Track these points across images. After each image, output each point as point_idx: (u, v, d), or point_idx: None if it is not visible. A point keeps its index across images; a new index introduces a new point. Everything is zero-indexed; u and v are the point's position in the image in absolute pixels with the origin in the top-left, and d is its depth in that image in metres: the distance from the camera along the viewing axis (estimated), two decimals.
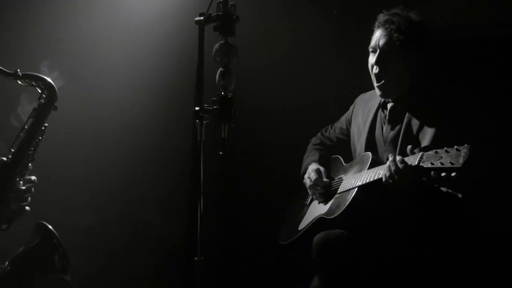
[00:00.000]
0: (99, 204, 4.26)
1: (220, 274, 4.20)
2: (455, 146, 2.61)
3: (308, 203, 3.49)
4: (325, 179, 3.38)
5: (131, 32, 4.18)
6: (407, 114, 3.08)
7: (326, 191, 3.37)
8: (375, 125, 3.23)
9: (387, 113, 3.17)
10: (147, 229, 4.35)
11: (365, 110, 3.34)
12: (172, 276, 4.15)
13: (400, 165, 2.75)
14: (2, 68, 2.60)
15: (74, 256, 2.73)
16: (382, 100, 3.21)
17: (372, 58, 3.13)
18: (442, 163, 2.62)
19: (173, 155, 4.23)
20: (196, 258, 2.41)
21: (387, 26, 3.07)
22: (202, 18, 2.48)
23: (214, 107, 2.46)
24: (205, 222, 2.41)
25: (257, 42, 4.21)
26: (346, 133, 3.51)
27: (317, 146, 3.62)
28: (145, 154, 4.28)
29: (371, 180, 2.94)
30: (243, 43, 2.56)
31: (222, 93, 2.46)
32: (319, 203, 3.38)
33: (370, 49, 3.15)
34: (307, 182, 3.44)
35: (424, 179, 2.76)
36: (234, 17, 2.47)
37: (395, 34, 3.05)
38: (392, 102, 3.16)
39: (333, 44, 4.41)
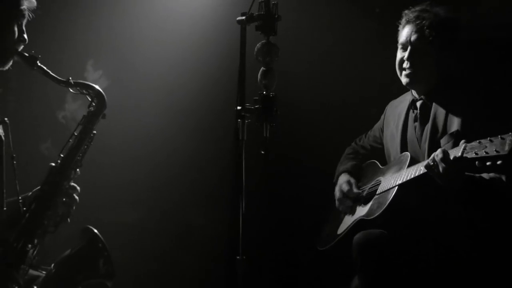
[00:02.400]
0: (143, 204, 4.31)
1: (261, 273, 4.20)
2: (499, 136, 2.61)
3: None
4: (355, 190, 3.37)
5: (173, 32, 4.22)
6: (432, 107, 3.09)
7: (358, 201, 3.36)
8: (407, 126, 3.22)
9: (418, 112, 3.15)
10: (190, 228, 4.38)
11: (396, 114, 3.34)
12: (214, 275, 4.16)
13: (442, 158, 2.73)
14: (55, 75, 2.65)
15: (118, 254, 2.76)
16: (411, 99, 3.19)
17: (401, 54, 3.15)
18: (487, 152, 2.61)
19: (215, 154, 4.25)
20: (238, 257, 2.41)
21: (418, 22, 3.08)
22: (244, 17, 2.47)
23: (256, 106, 2.45)
24: (247, 222, 2.41)
25: (299, 41, 4.20)
26: (380, 141, 3.51)
27: (350, 156, 3.62)
28: (188, 154, 4.31)
29: (412, 177, 2.92)
30: (285, 43, 2.56)
31: (264, 92, 2.46)
32: (356, 207, 3.35)
33: (400, 45, 3.17)
34: (337, 194, 3.46)
35: (467, 173, 2.76)
36: (276, 16, 2.46)
37: (427, 30, 3.05)
38: (420, 99, 3.15)
39: (375, 43, 4.37)
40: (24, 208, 2.57)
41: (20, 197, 2.62)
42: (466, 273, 2.91)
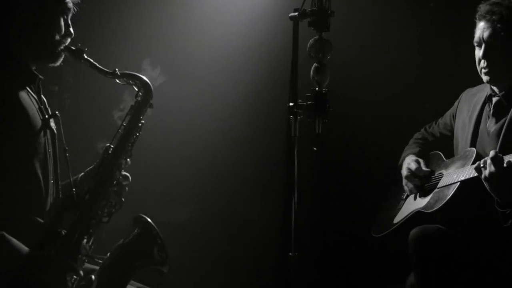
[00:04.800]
0: (195, 200, 4.34)
1: (314, 270, 4.19)
2: None
3: (404, 197, 3.43)
4: (424, 169, 3.30)
5: (226, 29, 4.24)
6: None
7: (423, 185, 3.30)
8: (480, 119, 3.13)
9: (492, 107, 3.08)
10: (242, 224, 4.40)
11: (471, 104, 3.24)
12: (267, 271, 4.17)
13: (493, 162, 2.67)
14: (101, 67, 2.67)
15: (171, 250, 2.78)
16: (489, 93, 3.11)
17: (478, 52, 3.05)
18: None
19: (268, 151, 4.26)
20: (290, 254, 2.41)
21: (488, 17, 2.97)
22: (296, 13, 2.46)
23: (308, 102, 2.43)
24: (300, 218, 2.41)
25: (351, 37, 4.17)
26: (450, 128, 3.42)
27: (419, 141, 3.54)
28: (240, 151, 4.32)
29: (476, 175, 2.84)
30: (337, 38, 2.54)
31: (317, 88, 2.44)
32: (415, 197, 3.31)
33: (475, 43, 3.07)
34: (404, 172, 3.37)
35: None
36: (329, 12, 2.43)
37: (498, 25, 2.94)
38: (498, 96, 3.06)
39: (430, 39, 4.31)
40: (78, 199, 2.61)
41: (74, 189, 2.66)
42: None
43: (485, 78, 3.07)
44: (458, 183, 2.96)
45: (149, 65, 4.21)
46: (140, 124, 2.72)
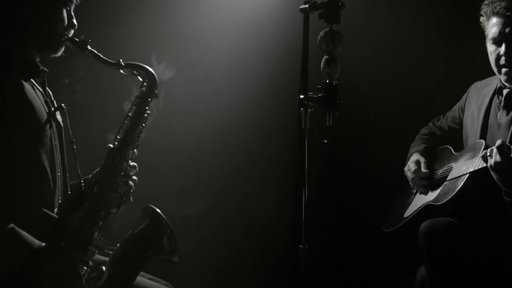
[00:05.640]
0: (207, 194, 4.35)
1: (324, 262, 4.19)
2: None
3: (415, 191, 3.43)
4: (424, 170, 3.31)
5: (236, 21, 4.23)
6: None
7: (431, 181, 3.30)
8: (490, 112, 3.12)
9: (503, 99, 3.06)
10: (253, 216, 4.40)
11: (480, 97, 3.23)
12: (276, 264, 4.18)
13: (499, 151, 2.66)
14: (105, 58, 2.67)
15: (183, 243, 2.79)
16: (498, 85, 3.10)
17: (496, 49, 3.02)
18: None
19: (278, 143, 4.27)
20: (301, 246, 2.41)
21: (509, 14, 2.94)
22: (307, 5, 2.46)
23: (319, 95, 2.43)
24: (310, 210, 2.41)
25: (362, 29, 4.16)
26: (458, 121, 3.42)
27: (425, 137, 3.54)
28: (251, 143, 4.32)
29: (484, 166, 2.84)
30: (348, 30, 2.53)
31: (327, 80, 2.43)
32: (425, 193, 3.31)
33: (491, 40, 3.03)
34: (408, 174, 3.40)
35: None
36: (340, 4, 2.43)
37: None
38: (509, 87, 3.05)
39: (441, 32, 4.29)
40: (86, 192, 2.62)
41: (82, 180, 2.67)
42: None
43: (504, 77, 3.04)
44: (467, 174, 2.96)
45: (160, 61, 4.21)
46: (146, 115, 2.72)
